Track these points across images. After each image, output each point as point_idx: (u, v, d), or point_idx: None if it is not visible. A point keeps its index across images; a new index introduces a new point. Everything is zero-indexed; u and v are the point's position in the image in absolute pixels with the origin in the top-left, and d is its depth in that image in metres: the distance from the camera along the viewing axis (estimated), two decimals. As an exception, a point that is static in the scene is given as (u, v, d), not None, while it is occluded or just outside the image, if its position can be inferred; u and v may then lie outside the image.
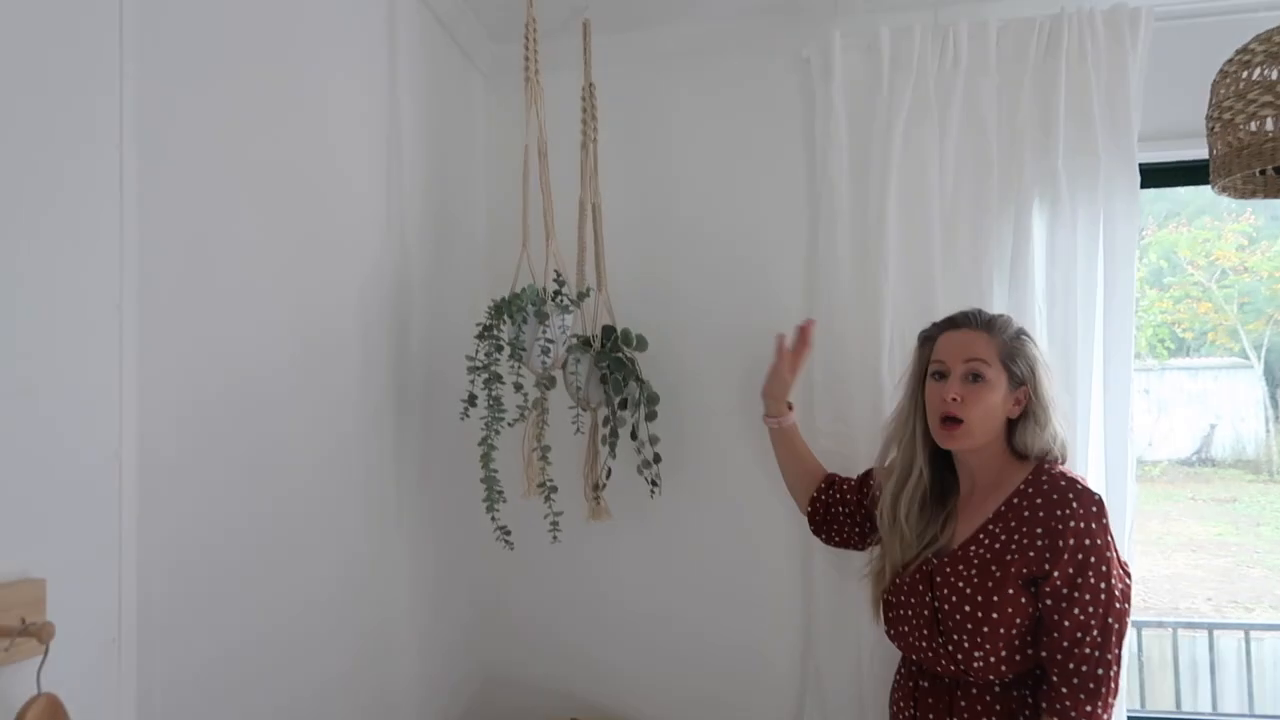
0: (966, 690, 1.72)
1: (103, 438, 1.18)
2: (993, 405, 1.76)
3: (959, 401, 1.76)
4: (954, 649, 1.70)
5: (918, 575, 1.79)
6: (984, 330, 1.80)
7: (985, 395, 1.76)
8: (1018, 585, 1.66)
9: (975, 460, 1.82)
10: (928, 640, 1.75)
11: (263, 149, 1.60)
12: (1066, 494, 1.67)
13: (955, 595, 1.71)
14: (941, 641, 1.73)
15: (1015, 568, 1.67)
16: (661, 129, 2.53)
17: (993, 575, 1.68)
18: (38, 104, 1.09)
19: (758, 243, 2.45)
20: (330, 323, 1.82)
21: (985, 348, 1.77)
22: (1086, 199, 2.19)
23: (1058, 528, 1.65)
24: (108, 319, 1.19)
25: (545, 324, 2.01)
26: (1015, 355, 1.77)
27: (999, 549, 1.70)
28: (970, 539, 1.75)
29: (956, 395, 1.76)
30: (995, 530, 1.72)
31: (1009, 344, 1.78)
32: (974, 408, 1.75)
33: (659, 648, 2.48)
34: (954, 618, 1.70)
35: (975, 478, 1.83)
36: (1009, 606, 1.66)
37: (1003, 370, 1.76)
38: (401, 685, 2.10)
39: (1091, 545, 1.64)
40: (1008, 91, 2.25)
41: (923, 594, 1.77)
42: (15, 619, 1.02)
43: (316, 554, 1.76)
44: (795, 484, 2.20)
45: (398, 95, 2.11)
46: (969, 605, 1.69)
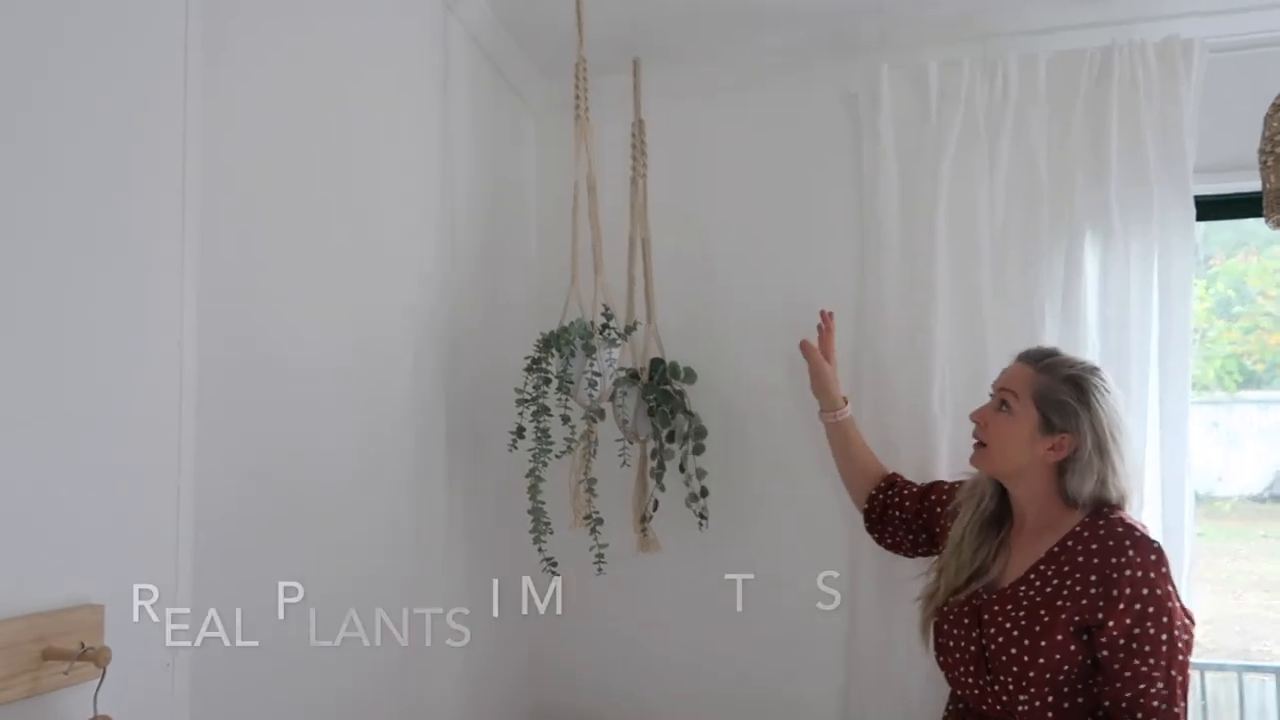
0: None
1: (161, 470, 1.23)
2: (1013, 436, 1.75)
3: (981, 425, 1.80)
4: (999, 689, 1.68)
5: (966, 609, 1.76)
6: (1030, 364, 1.80)
7: (1006, 424, 1.76)
8: (1067, 632, 1.63)
9: (1020, 494, 1.79)
10: (974, 677, 1.73)
11: (320, 184, 1.66)
12: (1123, 540, 1.63)
13: (1002, 636, 1.68)
14: (989, 680, 1.70)
15: (1066, 614, 1.63)
16: (709, 163, 2.55)
17: (1041, 619, 1.65)
18: (104, 146, 1.15)
19: (806, 276, 2.46)
20: (382, 355, 1.86)
21: (1020, 380, 1.78)
22: (1140, 231, 2.16)
23: (1112, 576, 1.61)
24: (169, 356, 1.24)
25: (592, 357, 2.04)
26: (1052, 397, 1.73)
27: (1050, 592, 1.67)
28: (1021, 579, 1.72)
29: (978, 418, 1.82)
30: (1047, 572, 1.69)
31: (1049, 384, 1.75)
32: (993, 434, 1.78)
33: (701, 681, 2.47)
34: (1000, 658, 1.67)
35: (1024, 513, 1.80)
36: (1056, 652, 1.62)
37: (1033, 407, 1.74)
38: (450, 712, 2.12)
39: (1150, 595, 1.59)
40: (1058, 123, 2.23)
41: (969, 629, 1.74)
42: (74, 643, 1.06)
43: (367, 581, 1.79)
44: (851, 480, 2.19)
45: (450, 131, 2.17)
46: (1015, 648, 1.65)
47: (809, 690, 2.38)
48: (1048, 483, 1.76)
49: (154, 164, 1.23)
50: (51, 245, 1.08)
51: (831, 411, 2.19)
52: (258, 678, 1.46)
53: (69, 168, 1.10)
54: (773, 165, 2.51)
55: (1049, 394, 1.74)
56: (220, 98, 1.37)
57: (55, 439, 1.07)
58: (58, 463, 1.08)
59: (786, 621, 2.41)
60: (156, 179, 1.23)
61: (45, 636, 1.04)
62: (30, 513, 1.04)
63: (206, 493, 1.31)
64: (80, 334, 1.11)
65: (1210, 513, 5.46)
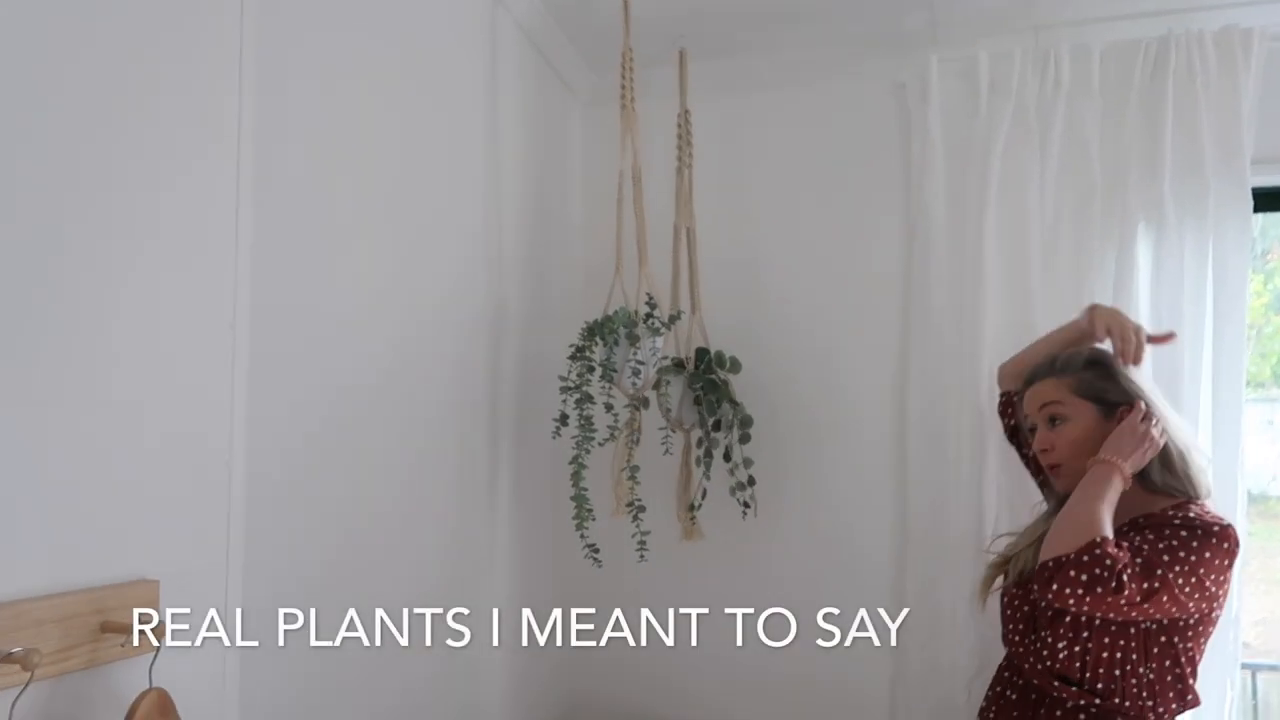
0: (1050, 709, 1.67)
1: (214, 448, 1.25)
2: (1083, 437, 1.73)
3: (1049, 449, 1.77)
4: (1039, 644, 1.67)
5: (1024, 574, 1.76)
6: (1050, 375, 1.80)
7: (1070, 432, 1.75)
8: None
9: None
10: (1021, 635, 1.73)
11: (371, 173, 1.69)
12: (1194, 528, 1.61)
13: None
14: (1033, 638, 1.70)
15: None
16: (755, 154, 2.55)
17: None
18: (160, 131, 1.18)
19: (852, 267, 2.44)
20: (430, 340, 1.89)
21: (1054, 390, 1.77)
22: (1195, 224, 2.12)
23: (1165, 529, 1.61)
24: (222, 336, 1.27)
25: (636, 346, 2.05)
26: (1090, 382, 1.74)
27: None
28: None
29: (1041, 445, 1.78)
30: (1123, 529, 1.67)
31: (1079, 376, 1.76)
32: (1064, 447, 1.75)
33: (745, 673, 2.47)
34: (1048, 613, 1.65)
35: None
36: (1110, 625, 1.61)
37: (1082, 401, 1.74)
38: (490, 703, 2.15)
39: (1187, 539, 1.59)
40: (1111, 114, 2.19)
41: (1027, 587, 1.73)
42: (131, 617, 1.09)
43: (414, 564, 1.82)
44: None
45: (498, 121, 2.19)
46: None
47: (854, 678, 2.37)
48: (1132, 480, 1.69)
49: (209, 148, 1.26)
50: (109, 228, 1.10)
51: None
52: (308, 655, 1.49)
53: (126, 151, 1.13)
54: (819, 158, 2.49)
55: (1087, 383, 1.75)
56: (274, 85, 1.40)
57: (112, 418, 1.10)
58: (115, 441, 1.11)
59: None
60: (212, 163, 1.26)
61: (104, 610, 1.07)
62: (88, 489, 1.07)
63: (257, 472, 1.34)
64: (137, 315, 1.14)
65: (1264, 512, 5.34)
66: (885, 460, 2.36)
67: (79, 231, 1.07)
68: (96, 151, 1.09)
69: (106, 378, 1.10)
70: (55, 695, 1.03)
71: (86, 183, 1.08)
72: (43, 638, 0.99)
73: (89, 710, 1.07)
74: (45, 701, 1.01)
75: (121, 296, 1.12)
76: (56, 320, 1.04)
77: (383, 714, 1.72)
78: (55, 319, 1.03)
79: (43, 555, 1.02)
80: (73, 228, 1.06)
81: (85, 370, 1.07)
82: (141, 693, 1.08)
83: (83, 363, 1.07)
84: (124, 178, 1.12)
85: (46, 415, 1.02)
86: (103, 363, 1.09)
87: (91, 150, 1.08)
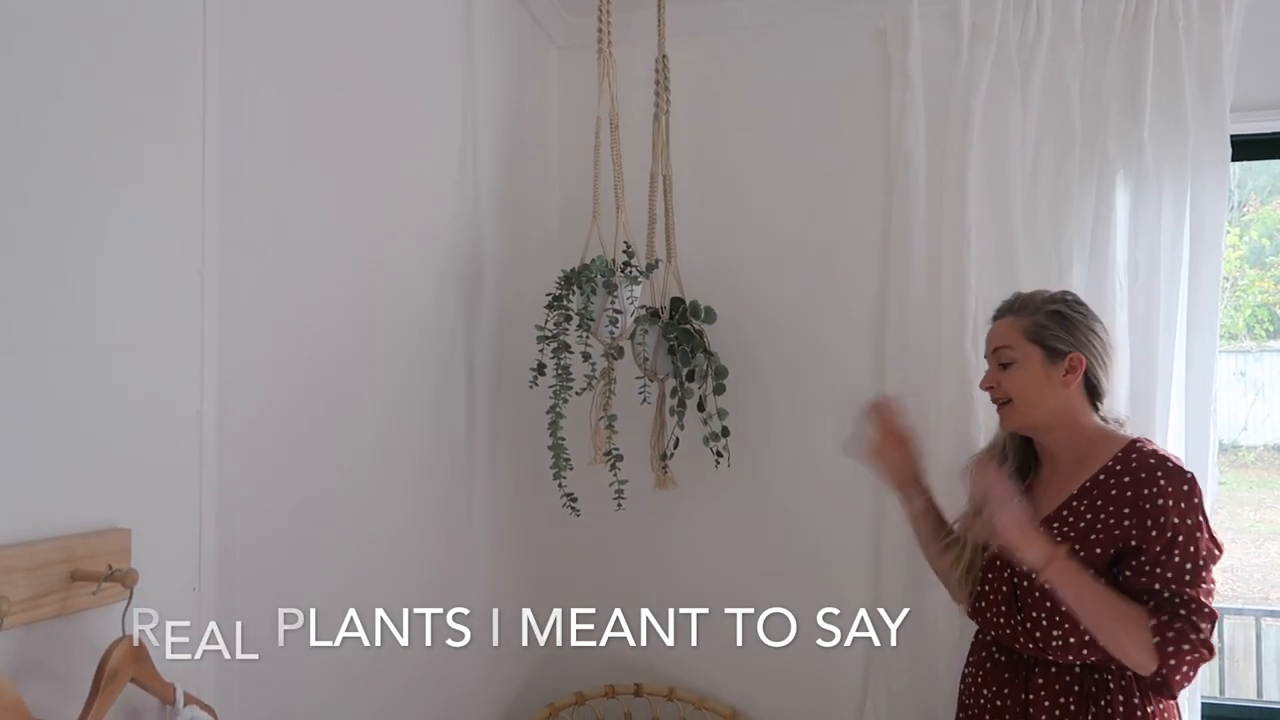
0: (1045, 668, 1.69)
1: (185, 395, 1.24)
2: (1030, 380, 1.75)
3: (995, 388, 1.80)
4: (1033, 626, 1.67)
5: (997, 552, 1.76)
6: (1010, 314, 1.81)
7: (1017, 374, 1.76)
8: (1102, 565, 1.63)
9: (1052, 440, 1.79)
10: (1005, 617, 1.73)
11: (339, 118, 1.65)
12: (1155, 471, 1.63)
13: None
14: (1020, 619, 1.70)
15: (1101, 547, 1.63)
16: (734, 100, 2.52)
17: (1075, 554, 1.64)
18: (123, 74, 1.14)
19: (831, 215, 2.43)
20: (404, 289, 1.86)
21: (1008, 332, 1.79)
22: (1174, 171, 2.12)
23: (1145, 507, 1.61)
24: (190, 283, 1.25)
25: (614, 295, 2.03)
26: (1044, 328, 1.75)
27: (1084, 527, 1.66)
28: (1053, 515, 1.72)
29: (988, 384, 1.82)
30: (1080, 507, 1.69)
31: (1034, 320, 1.77)
32: (1011, 388, 1.77)
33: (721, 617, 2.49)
34: (1033, 594, 1.67)
35: (1056, 458, 1.79)
36: None
37: (1031, 345, 1.75)
38: (472, 644, 2.15)
39: (1181, 524, 1.58)
40: (1093, 60, 2.19)
41: (1001, 570, 1.74)
42: (102, 565, 1.08)
43: (391, 512, 1.82)
44: (949, 576, 1.93)
45: (472, 65, 2.15)
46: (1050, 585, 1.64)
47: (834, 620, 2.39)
48: (1078, 416, 1.75)
49: (174, 90, 1.22)
50: (73, 176, 1.07)
51: (906, 504, 1.99)
52: (282, 600, 1.49)
53: (86, 94, 1.09)
54: (798, 103, 2.47)
55: (1040, 327, 1.76)
56: (240, 27, 1.36)
57: (81, 365, 1.08)
58: (84, 389, 1.09)
59: (808, 555, 2.42)
60: (177, 107, 1.23)
61: (74, 558, 1.06)
62: (57, 437, 1.05)
63: (229, 420, 1.32)
64: (104, 263, 1.11)
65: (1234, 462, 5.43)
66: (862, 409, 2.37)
67: (42, 180, 1.04)
68: (56, 97, 1.05)
69: (74, 325, 1.07)
70: (27, 644, 1.02)
71: (49, 130, 1.04)
72: (11, 586, 0.97)
73: (62, 658, 1.07)
74: (16, 650, 1.00)
75: (87, 243, 1.09)
76: (22, 268, 1.01)
77: (366, 659, 1.72)
78: (21, 267, 1.01)
79: (11, 503, 1.00)
80: (36, 176, 1.03)
81: (53, 318, 1.05)
82: (115, 640, 1.08)
83: (50, 310, 1.04)
84: (85, 123, 1.09)
85: (13, 363, 1.00)
86: (70, 310, 1.07)
87: (51, 96, 1.05)
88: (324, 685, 1.61)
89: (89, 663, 1.06)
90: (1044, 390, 1.75)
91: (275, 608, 1.47)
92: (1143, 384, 2.11)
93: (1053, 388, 1.74)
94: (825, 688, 2.41)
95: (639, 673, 2.52)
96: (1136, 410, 2.11)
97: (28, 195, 1.02)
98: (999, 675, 1.76)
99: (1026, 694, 1.70)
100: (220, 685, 1.31)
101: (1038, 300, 1.80)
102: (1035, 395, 1.75)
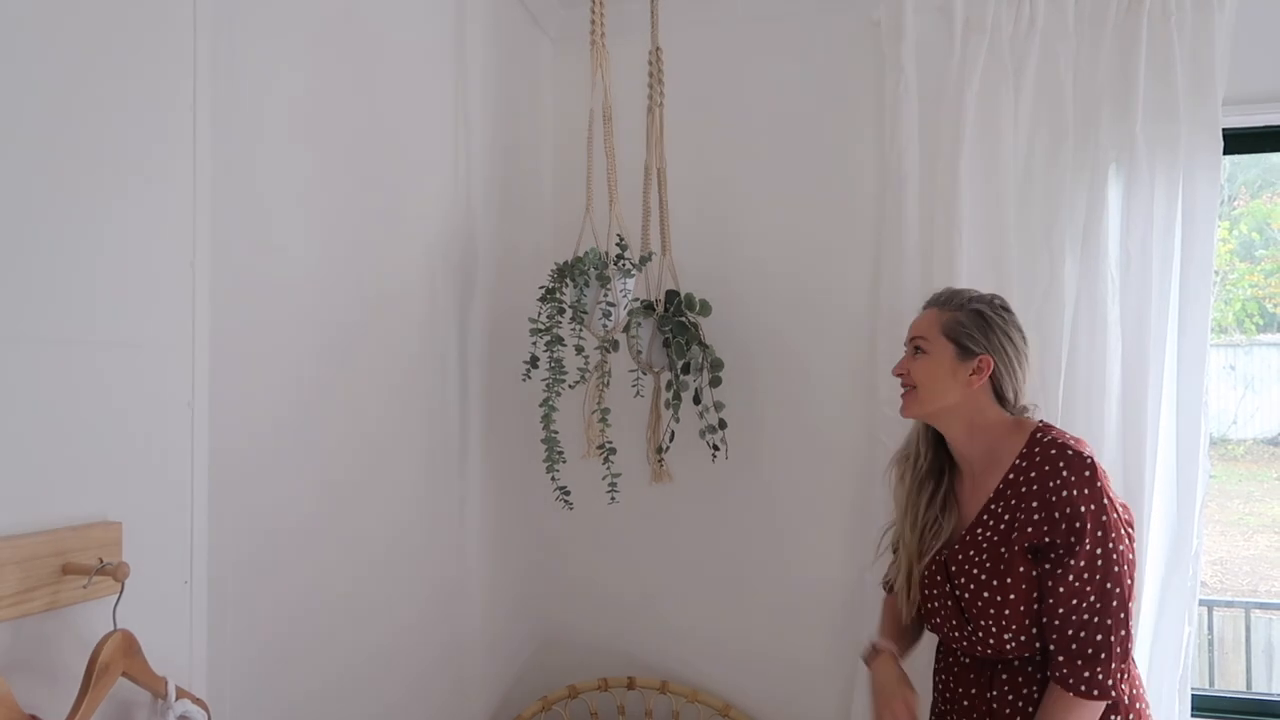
0: (1008, 664, 1.72)
1: (176, 388, 1.23)
2: (936, 372, 1.78)
3: (905, 374, 1.83)
4: (984, 634, 1.70)
5: (935, 567, 1.78)
6: (935, 306, 1.85)
7: (925, 365, 1.80)
8: (1026, 560, 1.66)
9: (958, 435, 1.80)
10: (958, 630, 1.75)
11: (331, 110, 1.64)
12: (1057, 463, 1.66)
13: (972, 582, 1.70)
14: (970, 629, 1.72)
15: (1019, 544, 1.66)
16: (727, 93, 2.51)
17: (1001, 557, 1.67)
18: (114, 66, 1.13)
19: (825, 207, 2.43)
20: (396, 281, 1.86)
21: (929, 324, 1.82)
22: (1166, 165, 2.12)
23: (1051, 499, 1.64)
24: (181, 275, 1.24)
25: (607, 287, 2.03)
26: (961, 326, 1.78)
27: (1004, 529, 1.69)
28: (976, 522, 1.74)
29: (899, 370, 1.85)
30: (998, 510, 1.71)
31: (954, 316, 1.80)
32: (917, 377, 1.81)
33: (715, 609, 2.50)
34: (976, 605, 1.69)
35: (970, 460, 1.81)
36: (1022, 583, 1.65)
37: (947, 342, 1.78)
38: (466, 640, 2.16)
39: (1085, 511, 1.61)
40: (1085, 54, 2.19)
41: (942, 584, 1.76)
42: (93, 559, 1.07)
43: (384, 506, 1.81)
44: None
45: (465, 59, 2.14)
46: (985, 590, 1.68)
47: (823, 610, 2.41)
48: (984, 410, 1.78)
49: (165, 81, 1.21)
50: (63, 169, 1.06)
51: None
52: (276, 597, 1.49)
53: (80, 87, 1.08)
54: (792, 96, 2.47)
55: (957, 325, 1.78)
56: (234, 20, 1.35)
57: (73, 359, 1.08)
58: (76, 382, 1.08)
59: (798, 545, 2.43)
60: (168, 99, 1.22)
61: (64, 551, 1.05)
62: (49, 431, 1.05)
63: (220, 413, 1.31)
64: (95, 255, 1.10)
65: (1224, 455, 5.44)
66: (857, 401, 2.37)
67: (32, 173, 1.03)
68: (46, 90, 1.04)
69: (65, 318, 1.07)
70: (17, 638, 1.01)
71: (38, 124, 1.03)
72: (1, 580, 0.97)
73: (53, 652, 1.06)
74: (6, 644, 0.99)
75: (77, 236, 1.08)
76: (12, 261, 1.00)
77: (359, 653, 1.72)
78: (10, 261, 1.00)
79: (1, 496, 1.00)
80: (25, 170, 1.02)
81: (43, 310, 1.04)
82: (106, 634, 1.07)
83: (40, 302, 1.04)
84: (75, 117, 1.08)
85: (4, 356, 0.99)
86: (61, 302, 1.06)
87: (41, 89, 1.04)
88: (317, 679, 1.60)
89: (79, 657, 1.05)
90: (948, 384, 1.77)
91: (267, 602, 1.47)
92: (1134, 377, 2.12)
93: (957, 384, 1.77)
94: (817, 681, 2.41)
95: (632, 666, 2.52)
96: (1127, 403, 2.11)
97: (16, 188, 1.01)
98: (965, 676, 1.78)
99: (992, 690, 1.73)
100: (212, 679, 1.31)
101: (964, 298, 1.83)
102: (939, 387, 1.78)
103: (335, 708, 1.65)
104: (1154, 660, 2.12)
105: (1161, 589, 2.12)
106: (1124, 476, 2.11)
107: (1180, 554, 2.10)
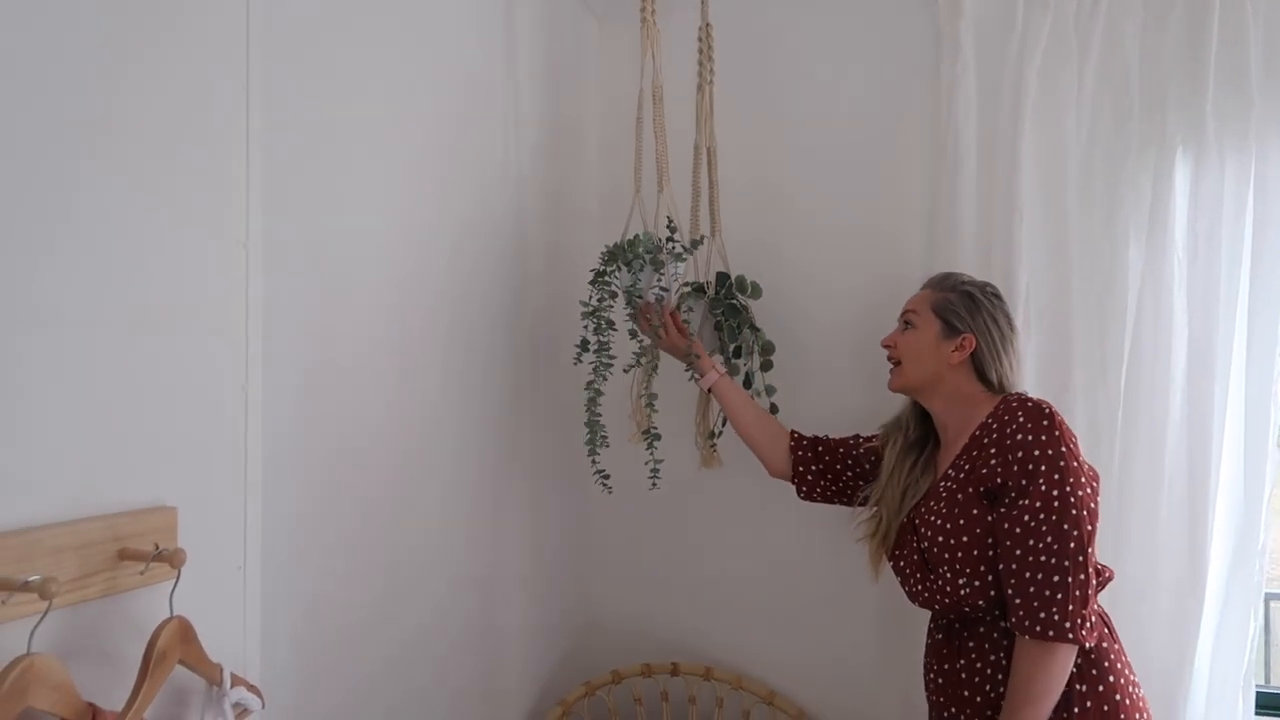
0: (973, 629, 1.73)
1: (230, 372, 1.22)
2: (920, 347, 1.86)
3: (892, 347, 1.92)
4: (942, 582, 1.74)
5: (905, 525, 1.85)
6: (929, 287, 1.93)
7: (912, 339, 1.88)
8: (981, 505, 1.70)
9: (938, 405, 1.87)
10: (922, 583, 1.80)
11: (381, 94, 1.62)
12: (1015, 410, 1.71)
13: (930, 529, 1.76)
14: (932, 579, 1.77)
15: (975, 486, 1.71)
16: (779, 70, 2.46)
17: (958, 500, 1.73)
18: (165, 48, 1.12)
19: (879, 189, 2.37)
20: (447, 263, 1.84)
21: (921, 301, 1.90)
22: (1236, 145, 2.04)
23: (1006, 443, 1.69)
24: (234, 258, 1.22)
25: (660, 271, 1.99)
26: (950, 304, 1.85)
27: (963, 478, 1.75)
28: (941, 475, 1.82)
29: (887, 341, 1.94)
30: (961, 461, 1.78)
31: (945, 295, 1.87)
32: (903, 350, 1.89)
33: (763, 597, 2.47)
34: (933, 550, 1.75)
35: (946, 425, 1.87)
36: (976, 527, 1.69)
37: (934, 318, 1.86)
38: (509, 623, 2.15)
39: (1041, 455, 1.64)
40: (1152, 29, 2.10)
41: (909, 540, 1.83)
42: (149, 544, 1.06)
43: (435, 488, 1.80)
44: (764, 441, 2.10)
45: (513, 38, 2.10)
46: (941, 535, 1.73)
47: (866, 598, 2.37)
48: (962, 385, 1.84)
49: (218, 68, 1.19)
50: (121, 152, 1.05)
51: (702, 374, 2.10)
52: (327, 581, 1.48)
53: (132, 71, 1.07)
54: (845, 74, 2.41)
55: (946, 303, 1.86)
56: (286, 6, 1.33)
57: (128, 342, 1.06)
58: (131, 366, 1.07)
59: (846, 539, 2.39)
60: (220, 81, 1.20)
61: (121, 537, 1.04)
62: (105, 415, 1.03)
63: (273, 395, 1.30)
64: (149, 238, 1.09)
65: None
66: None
67: (86, 158, 1.01)
68: (100, 75, 1.03)
69: (118, 302, 1.05)
70: (74, 624, 1.00)
71: (93, 110, 1.02)
72: (60, 566, 0.96)
73: (109, 639, 1.05)
74: (64, 630, 0.98)
75: (133, 218, 1.07)
76: (69, 241, 0.99)
77: (407, 638, 1.71)
78: (65, 245, 0.99)
79: (59, 482, 0.99)
80: (80, 156, 1.00)
81: (97, 295, 1.02)
82: (163, 620, 1.06)
83: (94, 287, 1.02)
84: (127, 101, 1.06)
85: (62, 338, 0.98)
86: (114, 286, 1.05)
87: (95, 75, 1.02)
88: (367, 662, 1.60)
89: (136, 643, 1.04)
90: (931, 359, 1.85)
91: (320, 586, 1.46)
92: (1200, 368, 2.05)
93: (939, 359, 1.84)
94: (864, 673, 2.38)
95: (676, 651, 2.50)
96: (1193, 394, 2.05)
97: (72, 173, 0.99)
98: (938, 650, 1.82)
99: (960, 659, 1.75)
100: (266, 665, 1.30)
101: (957, 279, 1.90)
102: (922, 361, 1.86)
103: (384, 691, 1.65)
104: (1216, 657, 2.06)
105: (1226, 583, 2.06)
106: (1189, 468, 2.05)
107: (1246, 548, 2.03)
